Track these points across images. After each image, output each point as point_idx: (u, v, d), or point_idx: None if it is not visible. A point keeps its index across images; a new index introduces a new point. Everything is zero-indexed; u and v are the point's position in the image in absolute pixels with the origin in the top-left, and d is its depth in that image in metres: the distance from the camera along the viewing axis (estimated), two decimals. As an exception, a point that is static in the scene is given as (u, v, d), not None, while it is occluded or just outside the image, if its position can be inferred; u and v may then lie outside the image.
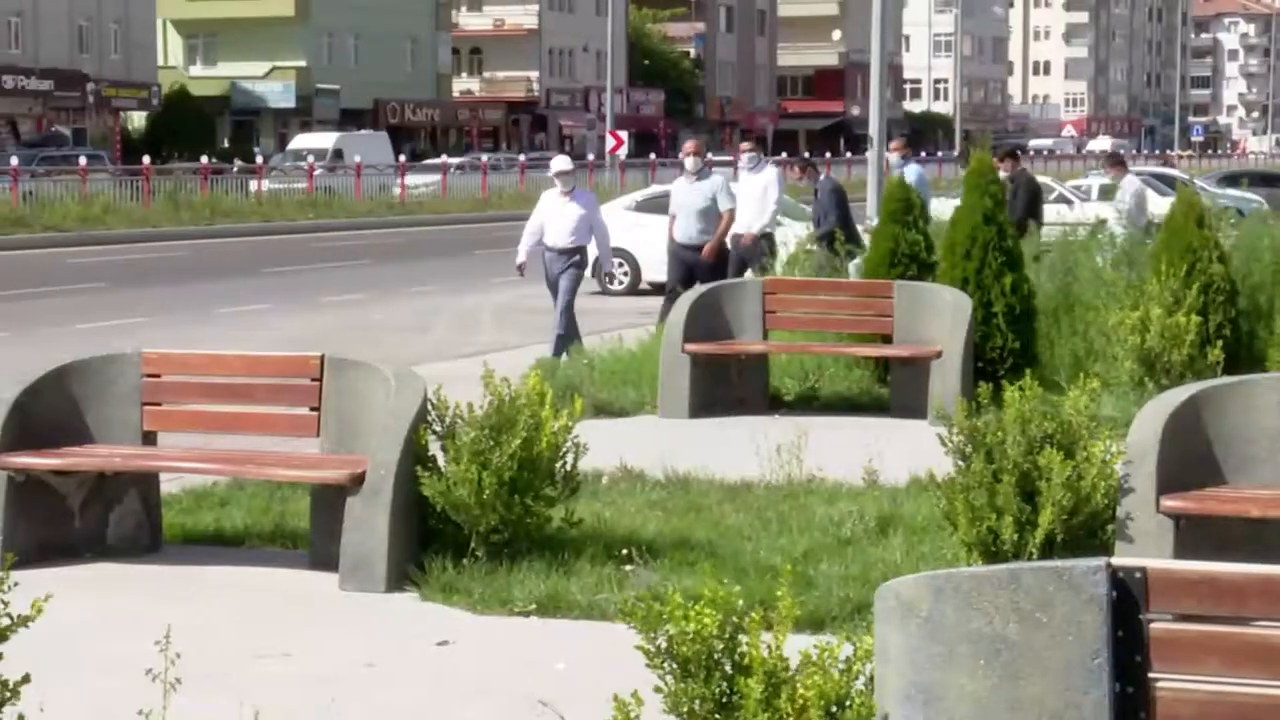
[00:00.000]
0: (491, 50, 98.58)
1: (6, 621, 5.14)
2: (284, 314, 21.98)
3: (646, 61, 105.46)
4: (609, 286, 26.83)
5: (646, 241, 26.24)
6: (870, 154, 23.59)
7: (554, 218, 16.93)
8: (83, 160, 48.84)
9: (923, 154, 76.79)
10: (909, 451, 10.93)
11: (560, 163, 17.34)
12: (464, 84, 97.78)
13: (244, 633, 7.66)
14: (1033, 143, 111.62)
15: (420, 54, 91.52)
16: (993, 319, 13.93)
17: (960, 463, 8.21)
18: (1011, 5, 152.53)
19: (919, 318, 13.65)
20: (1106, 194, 35.79)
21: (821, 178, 22.59)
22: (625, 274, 26.77)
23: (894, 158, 22.50)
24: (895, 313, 13.78)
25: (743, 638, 4.69)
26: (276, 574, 8.73)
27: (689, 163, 18.25)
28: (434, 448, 8.57)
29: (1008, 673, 4.45)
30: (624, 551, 8.47)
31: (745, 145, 21.19)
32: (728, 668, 4.71)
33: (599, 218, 17.32)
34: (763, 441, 10.86)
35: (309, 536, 9.00)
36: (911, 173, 21.26)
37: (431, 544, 8.47)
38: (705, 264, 17.66)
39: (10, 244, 37.23)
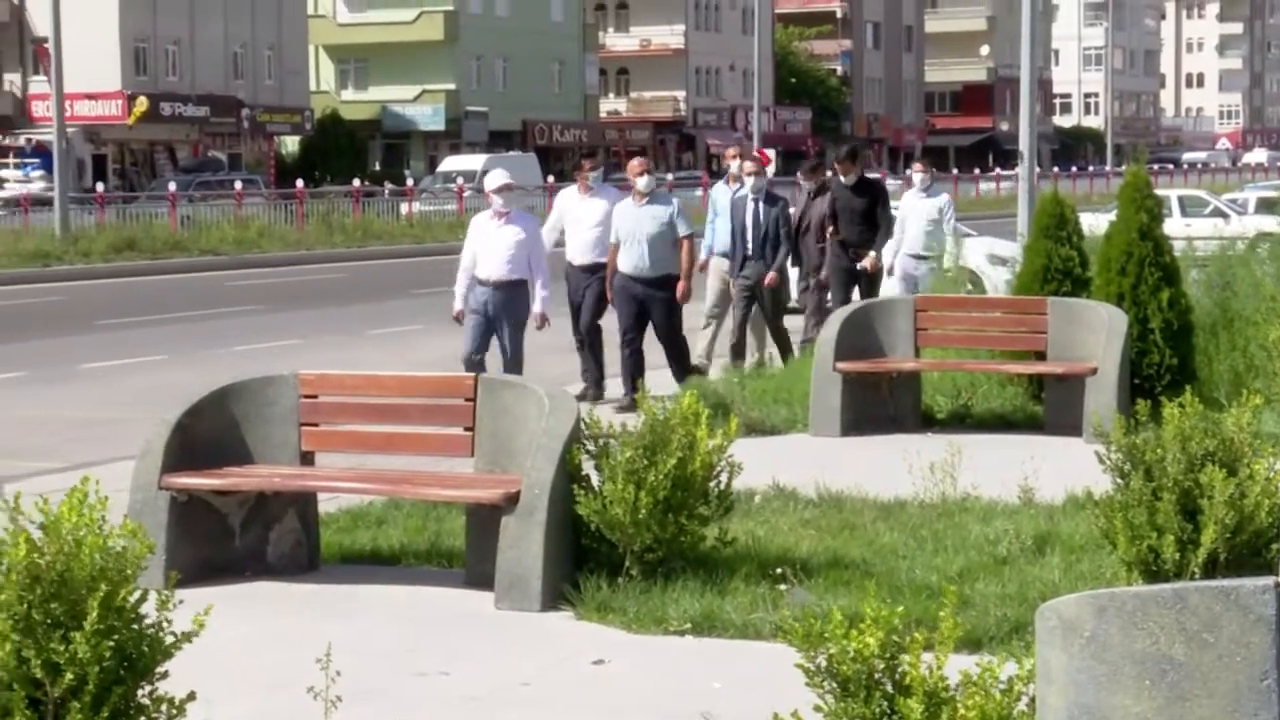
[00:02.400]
0: (638, 70, 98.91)
1: (171, 639, 5.23)
2: (437, 334, 22.12)
3: (793, 79, 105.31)
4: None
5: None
6: (1021, 169, 23.38)
7: (487, 245, 14.12)
8: (238, 185, 49.59)
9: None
10: (1065, 469, 10.81)
11: (497, 177, 14.22)
12: (611, 104, 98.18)
13: (402, 651, 7.72)
14: (1186, 156, 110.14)
15: (568, 75, 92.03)
16: (1149, 335, 13.73)
17: (1119, 481, 8.10)
18: (1164, 17, 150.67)
19: (1073, 334, 13.51)
20: (1269, 207, 35.21)
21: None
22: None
23: (917, 179, 20.06)
24: (1049, 329, 13.64)
25: (904, 657, 4.66)
26: (433, 593, 8.79)
27: (641, 183, 15.25)
28: (587, 467, 8.60)
29: (1174, 694, 4.38)
30: (778, 570, 8.44)
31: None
32: (888, 687, 4.68)
33: (539, 247, 14.34)
34: (915, 459, 10.78)
35: (464, 555, 9.05)
36: (928, 207, 19.30)
37: (586, 563, 8.49)
38: (662, 299, 15.17)
39: (169, 268, 37.87)
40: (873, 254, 18.13)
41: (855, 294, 17.73)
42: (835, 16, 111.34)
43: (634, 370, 15.10)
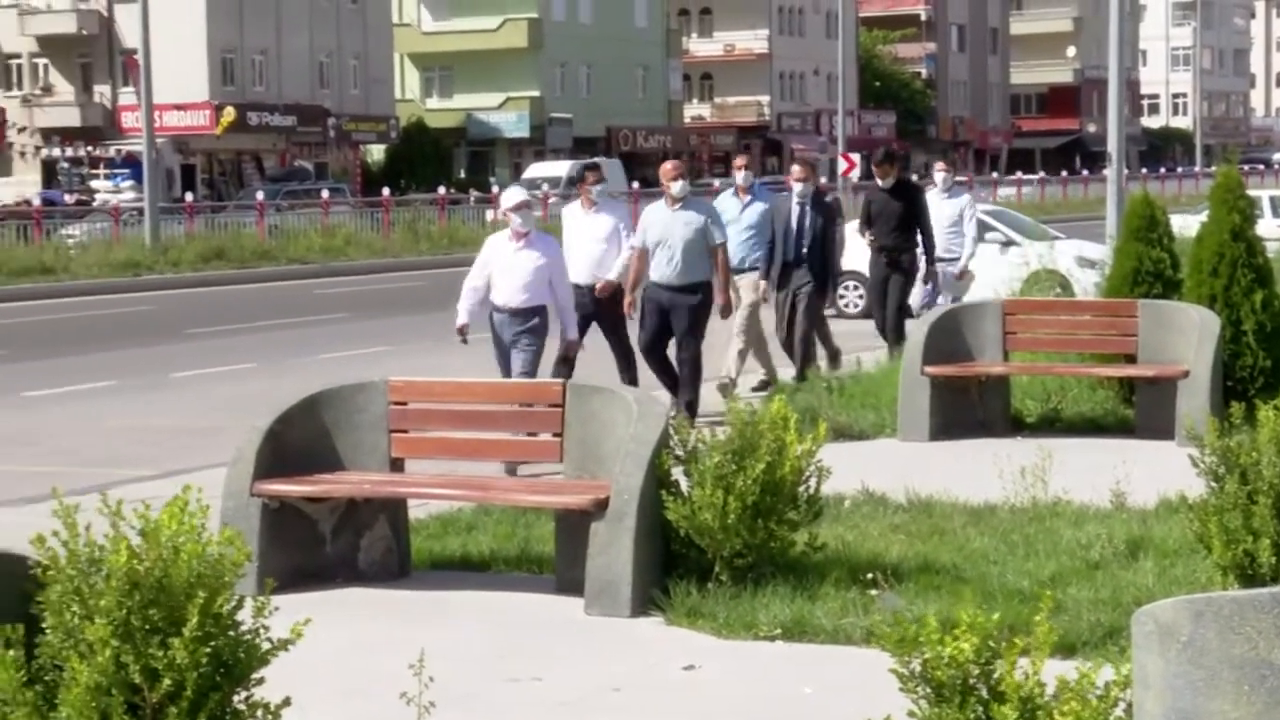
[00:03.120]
0: (722, 75, 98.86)
1: (268, 646, 5.26)
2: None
3: (877, 83, 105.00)
4: (845, 310, 26.59)
5: (882, 264, 26.12)
6: (1109, 171, 23.24)
7: (504, 269, 12.93)
8: (325, 193, 49.93)
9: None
10: (1157, 473, 10.73)
11: (513, 195, 13.04)
12: (695, 110, 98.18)
13: (494, 657, 7.75)
14: (1277, 156, 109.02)
15: (651, 81, 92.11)
16: (1242, 337, 13.61)
17: (1213, 484, 8.03)
18: (1253, 16, 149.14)
19: (1164, 337, 13.40)
20: None
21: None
22: (861, 296, 26.60)
23: (939, 179, 19.36)
24: (1139, 332, 13.54)
25: (999, 663, 4.63)
26: (523, 598, 8.81)
27: (675, 187, 14.39)
28: (676, 472, 8.60)
29: (1274, 699, 4.33)
30: (868, 576, 8.41)
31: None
32: (983, 693, 4.65)
33: (562, 269, 13.18)
34: (1005, 464, 10.73)
35: (554, 561, 9.07)
36: (951, 209, 18.77)
37: (675, 568, 8.49)
38: (690, 307, 14.26)
39: (257, 276, 38.17)
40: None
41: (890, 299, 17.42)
42: (920, 19, 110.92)
43: (671, 381, 14.50)
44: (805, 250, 16.13)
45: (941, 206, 18.43)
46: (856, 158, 61.21)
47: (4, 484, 12.73)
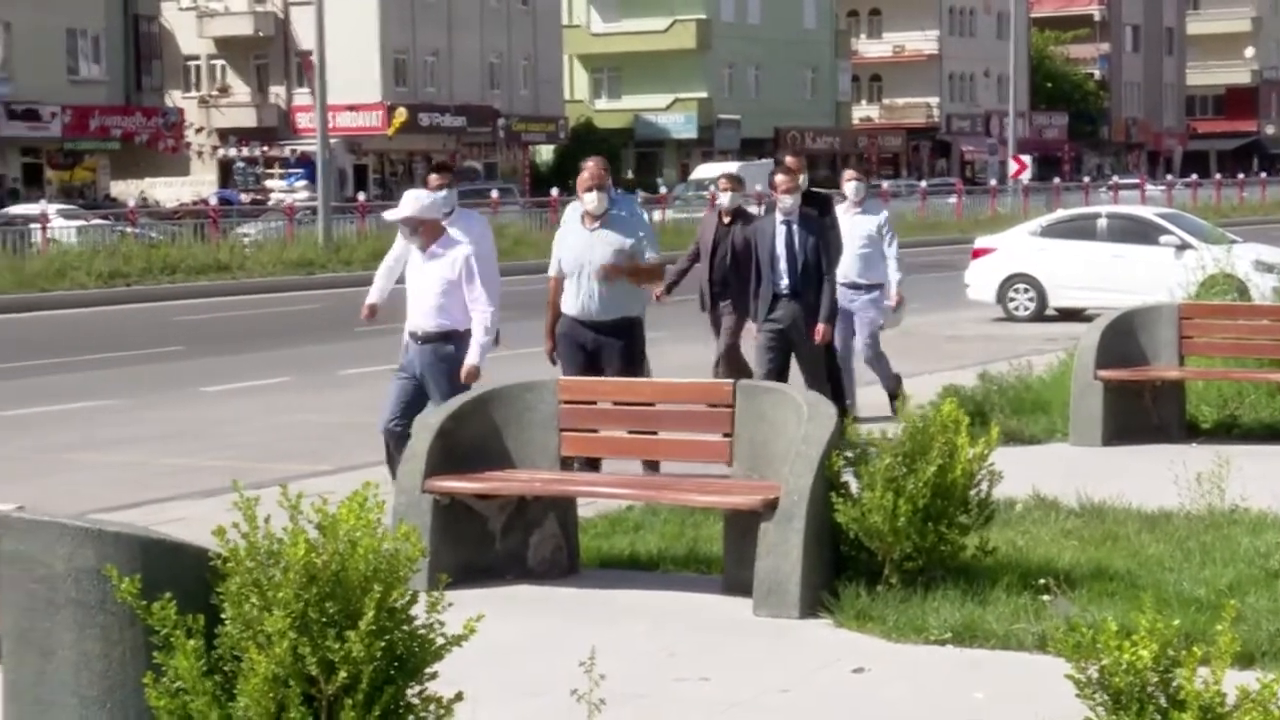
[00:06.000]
0: (891, 77, 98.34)
1: (442, 641, 5.31)
2: (686, 341, 22.23)
3: (1049, 84, 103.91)
4: (1015, 313, 26.29)
5: (1053, 267, 25.88)
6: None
7: (412, 286, 11.05)
8: (494, 193, 50.33)
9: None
10: (1339, 481, 10.51)
11: (399, 207, 10.94)
12: (863, 111, 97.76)
13: (662, 656, 7.75)
14: None
15: (820, 82, 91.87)
16: None
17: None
18: None
19: (1346, 342, 13.12)
20: None
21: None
22: (1031, 300, 26.36)
23: (849, 189, 15.24)
24: (1320, 337, 13.27)
25: (1179, 671, 4.56)
26: (691, 598, 8.81)
27: (590, 199, 11.80)
28: (846, 474, 8.56)
29: None
30: (1040, 581, 8.32)
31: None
32: (1162, 701, 4.58)
33: (476, 283, 10.86)
34: (1181, 470, 10.56)
35: (722, 561, 9.06)
36: (864, 225, 15.01)
37: (844, 570, 8.45)
38: (620, 349, 11.80)
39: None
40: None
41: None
42: (1093, 19, 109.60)
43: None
44: (799, 280, 12.98)
45: (852, 223, 14.81)
46: (1028, 159, 60.62)
47: (183, 477, 12.98)
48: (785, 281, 12.94)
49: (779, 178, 13.11)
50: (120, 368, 21.40)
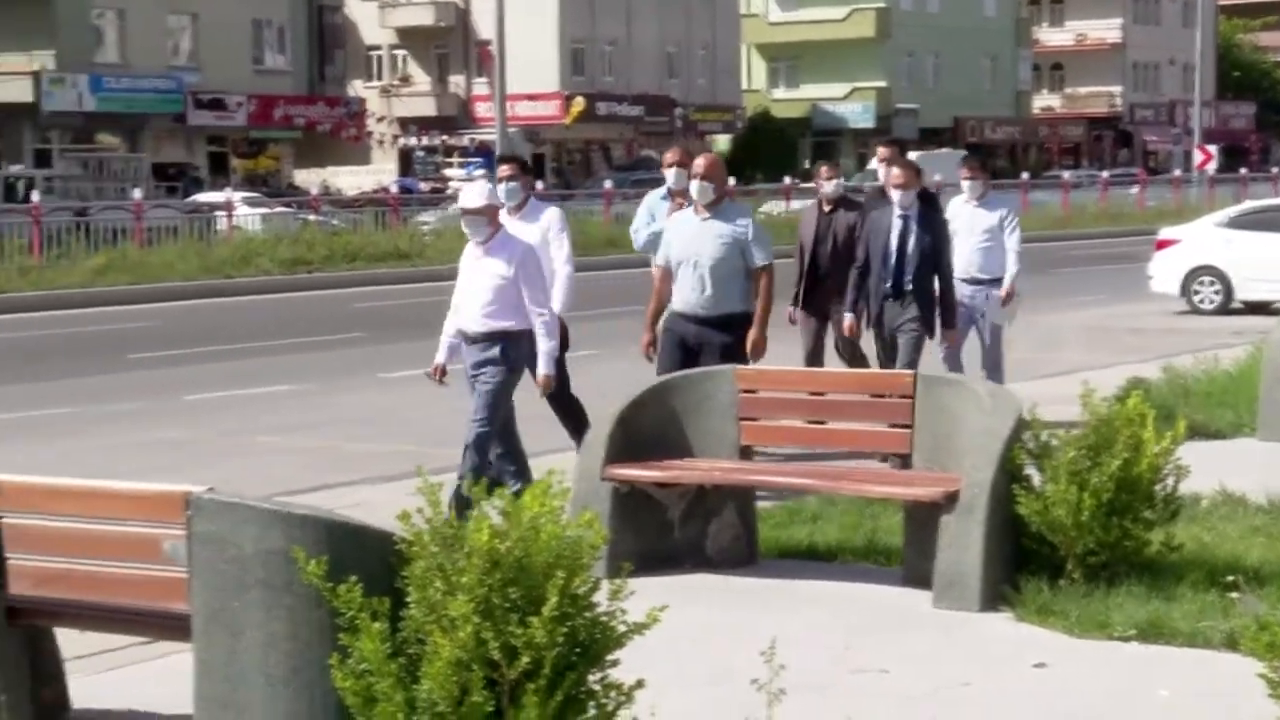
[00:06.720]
0: (1073, 65, 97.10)
1: (624, 628, 5.33)
2: (778, 341, 22.20)
3: (1236, 72, 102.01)
4: (1200, 306, 25.85)
5: (1239, 259, 25.39)
6: None
7: (466, 285, 10.66)
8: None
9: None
10: None
11: (462, 198, 10.76)
12: (1044, 100, 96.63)
13: (841, 647, 7.72)
14: None
15: (1000, 71, 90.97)
16: None
17: None
18: None
19: None
20: None
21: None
22: (1217, 293, 25.89)
23: (965, 185, 14.29)
24: None
25: (1378, 672, 4.45)
26: (870, 590, 8.77)
27: (696, 188, 11.11)
28: (1028, 467, 8.47)
29: None
30: (1228, 578, 8.18)
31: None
32: (1359, 703, 4.48)
33: (538, 282, 10.49)
34: (1375, 467, 10.33)
35: (901, 553, 9.01)
36: (984, 219, 14.02)
37: (1025, 564, 8.36)
38: (724, 345, 10.97)
39: (604, 264, 38.67)
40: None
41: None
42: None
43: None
44: (910, 280, 12.49)
45: (973, 217, 14.01)
46: (1213, 150, 59.59)
47: (365, 462, 13.15)
48: (893, 282, 12.47)
49: (895, 170, 12.62)
50: (303, 353, 21.72)
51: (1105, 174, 65.29)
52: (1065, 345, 21.95)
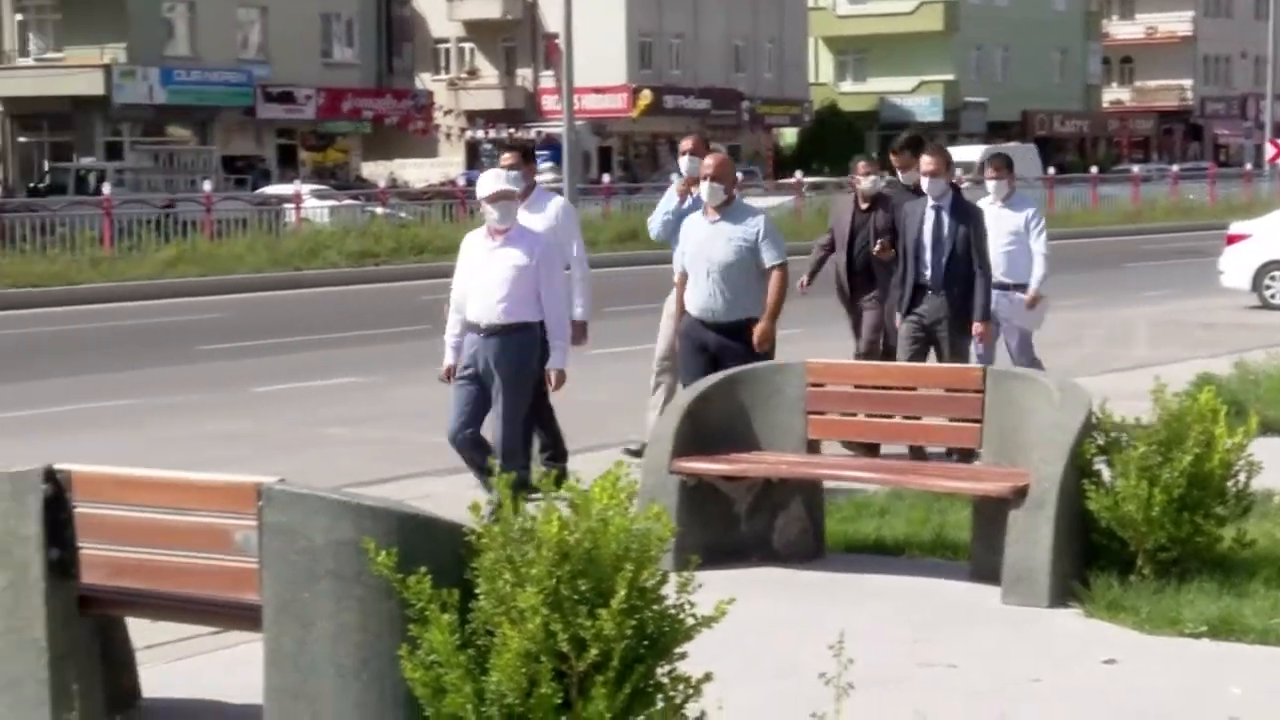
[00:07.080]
0: (1143, 59, 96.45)
1: (692, 621, 5.33)
2: (830, 339, 22.08)
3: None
4: (1272, 301, 25.61)
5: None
6: None
7: (478, 276, 10.43)
8: (739, 175, 50.38)
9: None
10: None
11: (489, 182, 10.45)
12: (1114, 94, 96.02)
13: (909, 641, 7.70)
14: None
15: (1069, 64, 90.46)
16: None
17: None
18: None
19: None
20: None
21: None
22: (1291, 288, 25.66)
23: (990, 185, 13.61)
24: None
25: None
26: (937, 584, 8.74)
27: (706, 189, 10.83)
28: (1098, 462, 8.41)
29: None
30: (1301, 576, 8.11)
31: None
32: None
33: (557, 274, 10.56)
34: None
35: (969, 548, 8.97)
36: (1009, 220, 13.40)
37: (1094, 560, 8.32)
38: (744, 353, 10.50)
39: (668, 257, 38.62)
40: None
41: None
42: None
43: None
44: (946, 272, 12.03)
45: (997, 218, 13.19)
46: (1285, 143, 59.02)
47: (433, 454, 13.16)
48: (930, 273, 12.01)
49: (926, 158, 12.18)
50: (370, 346, 21.81)
51: (1175, 168, 64.81)
52: (1135, 340, 21.82)
